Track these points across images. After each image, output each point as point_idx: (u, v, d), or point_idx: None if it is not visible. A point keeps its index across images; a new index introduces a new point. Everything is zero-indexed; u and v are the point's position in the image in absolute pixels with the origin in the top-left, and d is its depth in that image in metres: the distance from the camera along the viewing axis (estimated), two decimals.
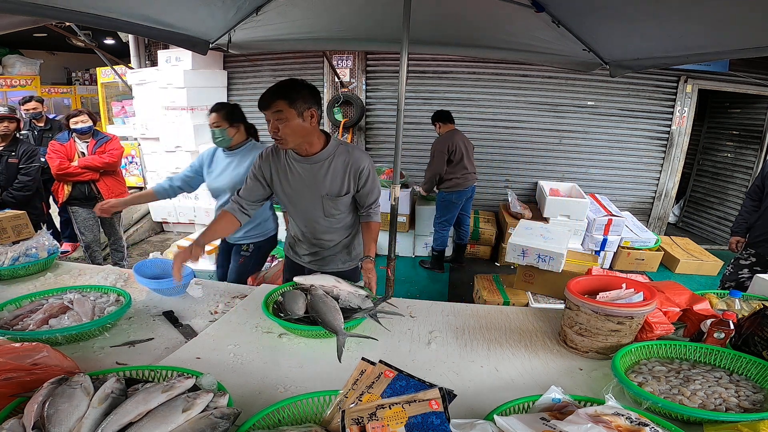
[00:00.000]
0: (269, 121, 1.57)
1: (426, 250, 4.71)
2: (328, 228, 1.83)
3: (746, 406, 1.02)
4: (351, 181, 1.72)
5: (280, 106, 1.53)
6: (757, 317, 1.23)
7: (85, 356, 1.30)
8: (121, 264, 3.63)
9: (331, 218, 1.80)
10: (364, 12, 2.61)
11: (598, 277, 1.54)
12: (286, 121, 1.54)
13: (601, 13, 2.12)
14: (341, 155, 1.69)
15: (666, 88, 4.83)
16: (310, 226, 1.84)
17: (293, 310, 1.45)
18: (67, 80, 8.97)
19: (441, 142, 3.87)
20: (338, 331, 1.35)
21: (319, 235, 1.85)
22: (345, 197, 1.74)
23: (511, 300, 2.89)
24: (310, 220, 1.81)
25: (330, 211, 1.77)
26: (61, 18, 1.78)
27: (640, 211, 5.22)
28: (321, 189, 1.71)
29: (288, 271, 2.07)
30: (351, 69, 5.01)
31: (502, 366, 1.30)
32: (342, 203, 1.76)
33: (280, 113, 1.54)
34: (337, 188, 1.71)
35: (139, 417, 0.89)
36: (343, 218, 1.83)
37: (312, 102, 1.58)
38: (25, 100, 4.08)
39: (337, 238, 1.88)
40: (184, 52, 4.65)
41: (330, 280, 1.61)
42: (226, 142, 2.24)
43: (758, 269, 2.70)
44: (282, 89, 1.56)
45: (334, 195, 1.72)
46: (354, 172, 1.70)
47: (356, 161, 1.69)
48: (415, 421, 0.84)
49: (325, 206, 1.75)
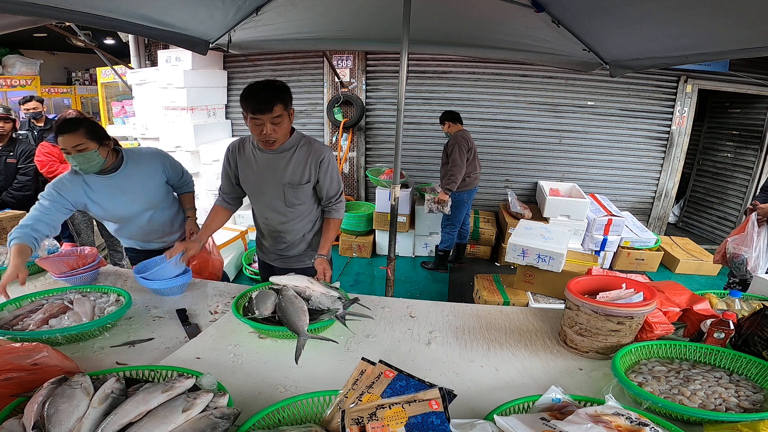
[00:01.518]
0: (263, 124, 1.60)
1: (426, 250, 4.71)
2: (289, 218, 1.87)
3: (746, 406, 1.02)
4: (312, 170, 1.79)
5: (279, 110, 1.60)
6: (757, 317, 1.23)
7: (85, 356, 1.30)
8: (120, 264, 3.63)
9: (293, 208, 1.85)
10: (364, 12, 2.61)
11: (598, 277, 1.54)
12: (281, 123, 1.63)
13: (600, 13, 2.12)
14: (303, 146, 1.78)
15: (666, 88, 4.83)
16: (272, 217, 1.88)
17: (260, 309, 1.45)
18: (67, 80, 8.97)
19: (460, 137, 3.75)
20: (300, 332, 1.34)
21: (280, 227, 1.89)
22: (306, 186, 1.80)
23: (511, 300, 2.89)
24: (272, 210, 1.86)
25: (291, 200, 1.82)
26: (61, 18, 1.78)
27: (640, 211, 5.23)
28: (283, 177, 1.77)
29: (262, 270, 2.14)
30: (351, 69, 5.01)
31: (502, 366, 1.30)
32: (303, 192, 1.82)
33: (278, 117, 1.60)
34: (299, 177, 1.78)
35: (139, 417, 0.89)
36: (304, 210, 1.87)
37: (291, 100, 1.68)
38: (25, 99, 4.07)
39: (298, 229, 1.90)
40: (184, 52, 4.65)
41: (304, 280, 1.60)
42: (99, 165, 1.79)
43: None
44: (277, 92, 1.60)
45: (295, 183, 1.78)
46: (315, 161, 1.77)
47: (317, 151, 1.78)
48: (415, 421, 0.84)
49: (286, 195, 1.80)
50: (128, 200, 1.94)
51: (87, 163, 1.75)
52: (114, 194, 1.90)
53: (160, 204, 2.07)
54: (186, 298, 1.73)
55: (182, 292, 1.77)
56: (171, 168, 2.10)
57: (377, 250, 4.68)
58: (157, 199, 2.04)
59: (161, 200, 2.07)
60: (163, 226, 2.13)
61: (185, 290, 1.79)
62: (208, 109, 5.16)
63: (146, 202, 1.99)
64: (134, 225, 2.04)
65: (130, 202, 1.95)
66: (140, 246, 2.18)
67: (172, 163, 2.12)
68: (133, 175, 1.93)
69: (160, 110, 4.90)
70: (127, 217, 2.00)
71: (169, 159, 2.11)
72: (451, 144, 3.80)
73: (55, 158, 3.24)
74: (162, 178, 2.05)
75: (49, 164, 3.20)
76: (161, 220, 2.10)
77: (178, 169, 2.15)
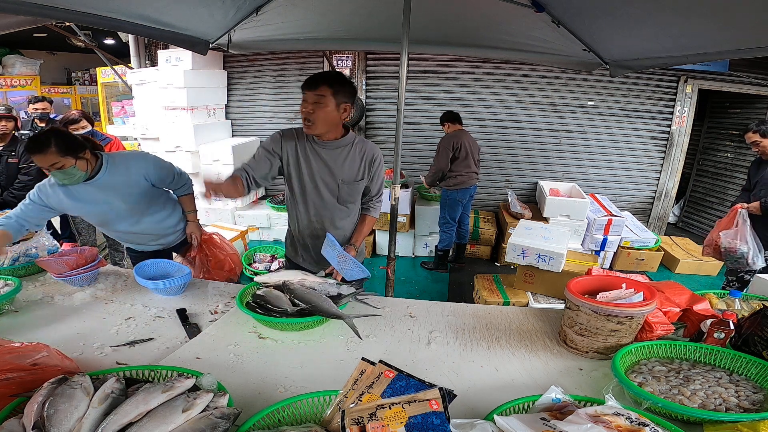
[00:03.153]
0: (306, 101, 1.63)
1: (426, 250, 4.71)
2: (339, 217, 1.86)
3: (746, 406, 1.02)
4: (366, 168, 1.82)
5: (324, 91, 1.62)
6: (757, 317, 1.23)
7: (85, 356, 1.30)
8: (121, 264, 3.63)
9: (344, 207, 1.85)
10: (364, 12, 2.61)
11: (598, 277, 1.54)
12: (323, 106, 1.62)
13: (600, 13, 2.12)
14: (358, 144, 1.80)
15: (666, 88, 4.82)
16: (320, 214, 1.85)
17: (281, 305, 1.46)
18: (67, 80, 8.97)
19: (447, 139, 3.92)
20: (342, 315, 1.42)
21: (327, 225, 1.86)
22: (360, 183, 1.82)
23: (511, 300, 2.89)
24: (323, 207, 1.84)
25: (344, 198, 1.83)
26: (61, 18, 1.78)
27: (640, 211, 5.23)
28: (339, 174, 1.78)
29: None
30: (351, 69, 5.01)
31: (502, 366, 1.30)
32: (356, 190, 1.84)
33: (321, 97, 1.62)
34: (354, 174, 1.80)
35: (139, 417, 0.89)
36: (354, 208, 1.89)
37: (350, 98, 1.69)
38: (36, 99, 3.98)
39: (345, 228, 1.90)
40: (184, 52, 4.65)
41: (297, 274, 1.62)
42: (82, 177, 1.79)
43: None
44: (331, 77, 1.65)
45: (351, 181, 1.80)
46: (369, 160, 1.81)
47: (371, 150, 1.82)
48: (415, 421, 0.84)
49: (341, 192, 1.81)
50: (108, 208, 1.91)
51: (69, 179, 1.76)
52: (95, 201, 1.87)
53: (148, 209, 2.00)
54: (186, 298, 1.73)
55: (182, 292, 1.77)
56: (155, 171, 1.97)
57: (377, 250, 4.68)
58: (141, 206, 1.97)
59: (147, 206, 2.00)
60: (156, 230, 2.09)
61: (185, 290, 1.79)
62: (208, 109, 5.16)
63: (129, 209, 1.94)
64: (120, 229, 2.01)
65: (109, 210, 1.91)
66: (137, 247, 2.17)
67: (158, 166, 1.99)
68: (111, 183, 1.86)
69: (160, 110, 4.90)
70: (110, 222, 1.97)
71: (152, 162, 1.98)
72: (438, 145, 3.97)
73: None
74: (144, 184, 1.94)
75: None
76: (151, 224, 2.05)
77: (165, 171, 2.02)
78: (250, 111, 5.50)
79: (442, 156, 3.90)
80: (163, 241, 2.16)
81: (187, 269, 1.80)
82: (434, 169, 3.99)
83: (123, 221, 1.98)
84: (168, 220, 2.13)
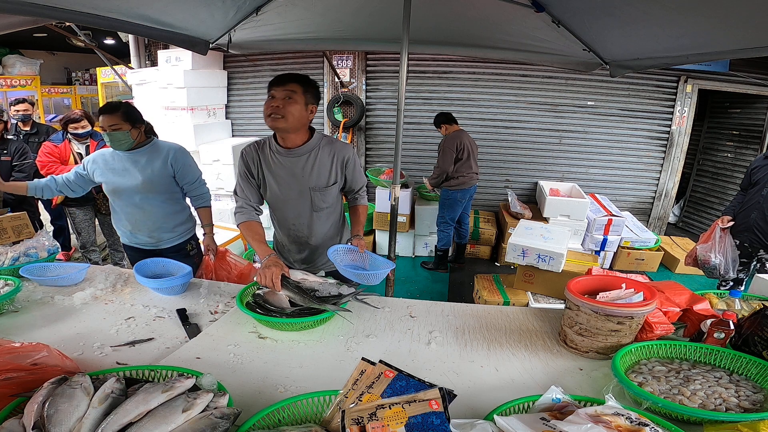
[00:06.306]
0: (274, 96, 1.62)
1: (426, 250, 4.71)
2: (317, 223, 1.85)
3: (746, 406, 1.02)
4: (338, 170, 1.78)
5: (294, 87, 1.62)
6: (757, 317, 1.23)
7: (85, 356, 1.30)
8: (121, 264, 3.63)
9: (320, 212, 1.83)
10: (364, 12, 2.61)
11: (598, 277, 1.54)
12: (293, 102, 1.62)
13: (601, 13, 2.11)
14: (325, 147, 1.76)
15: (666, 88, 4.83)
16: (298, 223, 1.85)
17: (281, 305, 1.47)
18: (67, 80, 8.98)
19: (450, 140, 3.89)
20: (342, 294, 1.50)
21: (306, 231, 1.86)
22: (333, 187, 1.80)
23: (511, 300, 2.89)
24: (298, 216, 1.83)
25: (318, 205, 1.80)
26: (61, 18, 1.78)
27: (640, 211, 5.23)
28: (309, 181, 1.75)
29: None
30: (351, 69, 5.01)
31: (502, 366, 1.30)
32: (330, 195, 1.81)
33: (292, 93, 1.62)
34: (325, 180, 1.77)
35: (139, 417, 0.89)
36: (331, 212, 1.86)
37: (316, 100, 1.71)
38: (17, 101, 3.89)
39: (324, 233, 1.88)
40: (184, 52, 4.65)
41: (298, 274, 1.62)
42: (128, 145, 2.05)
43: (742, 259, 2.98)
44: (300, 77, 1.67)
45: (322, 186, 1.76)
46: (341, 162, 1.77)
47: (341, 150, 1.77)
48: (415, 421, 0.84)
49: (314, 199, 1.78)
50: (128, 178, 2.10)
51: (117, 142, 2.01)
52: (123, 170, 2.10)
53: (156, 190, 2.13)
54: (186, 298, 1.73)
55: (182, 292, 1.77)
56: (178, 165, 2.15)
57: (377, 250, 4.68)
58: (153, 184, 2.11)
59: (159, 189, 2.13)
60: (159, 218, 2.17)
61: (185, 290, 1.79)
62: (208, 109, 5.17)
63: (143, 182, 2.09)
64: (125, 201, 2.15)
65: (130, 177, 2.10)
66: (128, 238, 2.25)
67: (183, 162, 2.17)
68: (144, 157, 2.10)
69: (160, 110, 4.90)
70: (123, 193, 2.13)
71: (181, 156, 2.17)
72: (441, 146, 3.94)
73: (56, 159, 3.24)
74: (166, 169, 2.13)
75: (48, 165, 3.20)
76: (158, 210, 2.16)
77: (188, 171, 2.19)
78: (250, 111, 5.51)
79: (446, 158, 3.86)
80: (156, 234, 2.22)
81: (188, 268, 1.80)
82: (438, 171, 3.95)
83: (135, 194, 2.13)
84: (174, 217, 2.23)
